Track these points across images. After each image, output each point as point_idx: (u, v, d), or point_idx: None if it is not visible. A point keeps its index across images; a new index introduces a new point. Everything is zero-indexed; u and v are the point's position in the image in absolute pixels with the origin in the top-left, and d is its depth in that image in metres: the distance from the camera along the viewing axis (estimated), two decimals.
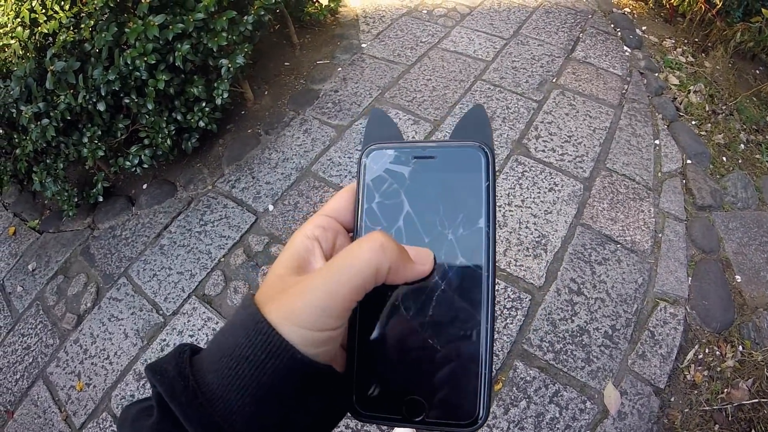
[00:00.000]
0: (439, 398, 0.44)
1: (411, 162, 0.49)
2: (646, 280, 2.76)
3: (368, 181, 0.49)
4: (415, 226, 0.47)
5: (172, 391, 0.38)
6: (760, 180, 3.36)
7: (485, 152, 0.47)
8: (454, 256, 0.46)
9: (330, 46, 4.36)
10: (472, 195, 0.46)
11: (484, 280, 0.45)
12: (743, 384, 2.46)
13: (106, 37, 2.85)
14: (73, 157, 3.17)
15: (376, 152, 0.50)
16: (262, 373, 0.37)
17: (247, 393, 0.37)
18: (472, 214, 0.46)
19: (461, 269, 0.45)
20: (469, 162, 0.47)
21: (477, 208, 0.46)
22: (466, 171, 0.47)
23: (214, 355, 0.40)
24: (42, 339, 2.96)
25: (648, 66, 4.01)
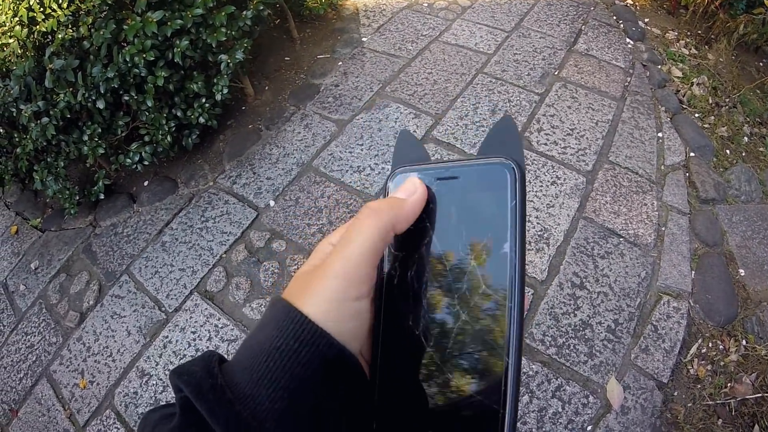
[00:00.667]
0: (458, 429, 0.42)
1: (434, 184, 0.47)
2: (649, 273, 2.75)
3: None
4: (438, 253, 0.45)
5: (198, 390, 0.37)
6: (764, 173, 3.34)
7: (512, 168, 0.45)
8: (477, 284, 0.43)
9: (330, 41, 4.35)
10: (497, 217, 0.44)
11: (507, 312, 0.42)
12: (747, 378, 2.45)
13: (105, 34, 2.85)
14: (74, 155, 3.17)
15: (401, 175, 0.49)
16: (296, 363, 0.37)
17: (279, 386, 0.37)
18: (496, 238, 0.43)
19: (484, 299, 0.43)
20: (493, 180, 0.45)
21: (502, 231, 0.43)
22: (490, 190, 0.45)
23: (243, 355, 0.40)
24: (45, 337, 2.97)
25: (651, 58, 3.99)
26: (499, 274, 0.42)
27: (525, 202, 0.44)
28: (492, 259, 0.43)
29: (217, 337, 2.71)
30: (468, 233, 0.44)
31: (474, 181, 0.46)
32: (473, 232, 0.44)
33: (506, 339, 0.41)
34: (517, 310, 0.42)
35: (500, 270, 0.42)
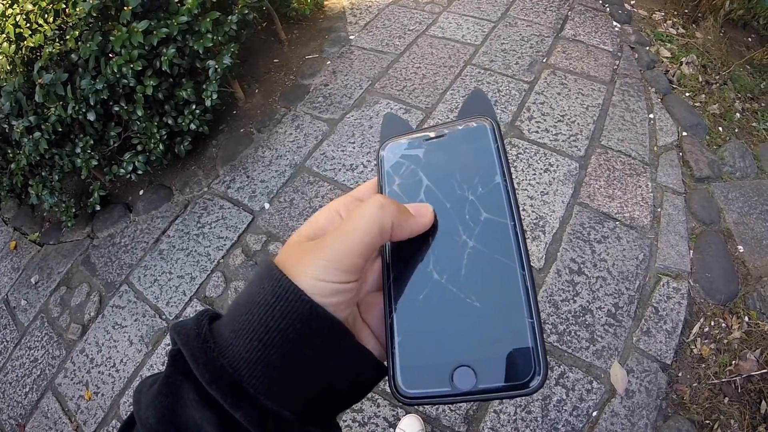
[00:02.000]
0: (488, 362, 0.40)
1: (423, 144, 0.52)
2: (647, 255, 2.75)
3: (387, 169, 0.52)
4: (436, 196, 0.48)
5: (186, 339, 0.40)
6: (757, 148, 3.34)
7: (489, 121, 0.50)
8: (477, 213, 0.46)
9: (318, 40, 4.35)
10: (484, 158, 0.48)
11: (511, 229, 0.44)
12: (751, 355, 2.45)
13: (92, 46, 2.85)
14: (68, 168, 3.17)
15: (391, 144, 0.53)
16: (270, 316, 0.38)
17: (254, 337, 0.38)
18: (487, 174, 0.47)
19: (487, 224, 0.45)
20: (476, 132, 0.50)
21: (491, 168, 0.48)
22: (475, 140, 0.50)
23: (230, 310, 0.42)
24: (48, 351, 2.98)
25: (638, 40, 3.98)
26: (496, 201, 0.46)
27: (505, 146, 0.49)
28: (486, 190, 0.47)
29: None
30: (462, 175, 0.48)
31: (459, 136, 0.51)
32: (466, 173, 0.48)
33: (515, 253, 0.43)
34: (519, 227, 0.44)
35: (496, 197, 0.46)
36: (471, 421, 2.32)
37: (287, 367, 0.39)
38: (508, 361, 0.40)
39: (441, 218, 0.47)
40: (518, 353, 0.40)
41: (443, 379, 0.41)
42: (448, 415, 2.34)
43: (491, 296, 0.42)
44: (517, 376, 0.39)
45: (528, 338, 0.40)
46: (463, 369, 0.41)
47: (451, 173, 0.49)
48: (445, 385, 0.41)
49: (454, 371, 0.41)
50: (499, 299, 0.42)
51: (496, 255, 0.44)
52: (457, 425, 2.31)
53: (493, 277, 0.43)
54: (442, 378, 0.41)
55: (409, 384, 0.42)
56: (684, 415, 2.31)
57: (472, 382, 0.40)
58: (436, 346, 0.43)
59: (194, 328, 0.41)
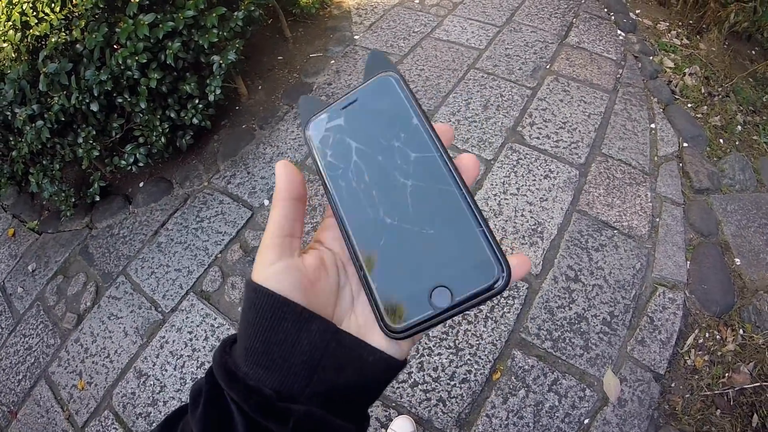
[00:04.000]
0: (457, 276, 0.45)
1: (342, 113, 0.54)
2: (644, 265, 2.75)
3: (317, 144, 0.54)
4: (367, 154, 0.52)
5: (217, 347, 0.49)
6: (758, 161, 3.34)
7: (392, 75, 0.54)
8: (406, 156, 0.50)
9: (323, 39, 4.35)
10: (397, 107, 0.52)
11: (439, 159, 0.49)
12: (744, 368, 2.45)
13: (97, 37, 2.85)
14: (69, 157, 3.18)
15: (314, 122, 0.55)
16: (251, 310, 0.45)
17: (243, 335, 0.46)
18: (404, 119, 0.51)
19: (417, 161, 0.49)
20: (383, 87, 0.54)
21: (406, 113, 0.52)
22: (384, 94, 0.53)
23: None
24: (43, 339, 2.98)
25: (642, 49, 3.99)
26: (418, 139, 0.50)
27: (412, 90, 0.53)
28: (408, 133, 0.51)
29: (214, 337, 2.72)
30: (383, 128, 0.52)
31: (369, 95, 0.54)
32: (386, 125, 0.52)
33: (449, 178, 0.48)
34: (445, 155, 0.49)
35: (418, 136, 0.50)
36: (463, 425, 2.32)
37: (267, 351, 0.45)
38: (473, 270, 0.44)
39: (378, 171, 0.50)
40: (479, 261, 0.44)
41: (423, 304, 0.45)
42: (441, 418, 2.34)
43: (441, 220, 0.47)
44: (483, 279, 0.44)
45: (483, 245, 0.45)
46: (438, 289, 0.45)
47: (374, 129, 0.52)
48: (427, 309, 0.45)
49: (431, 294, 0.45)
50: (449, 220, 0.47)
51: (434, 184, 0.48)
52: (449, 428, 2.32)
53: (437, 203, 0.47)
54: (422, 304, 0.45)
55: (396, 320, 0.46)
56: (675, 425, 2.32)
57: (448, 299, 0.44)
58: (408, 280, 0.46)
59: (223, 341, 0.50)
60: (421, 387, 2.43)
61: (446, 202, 0.47)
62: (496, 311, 2.61)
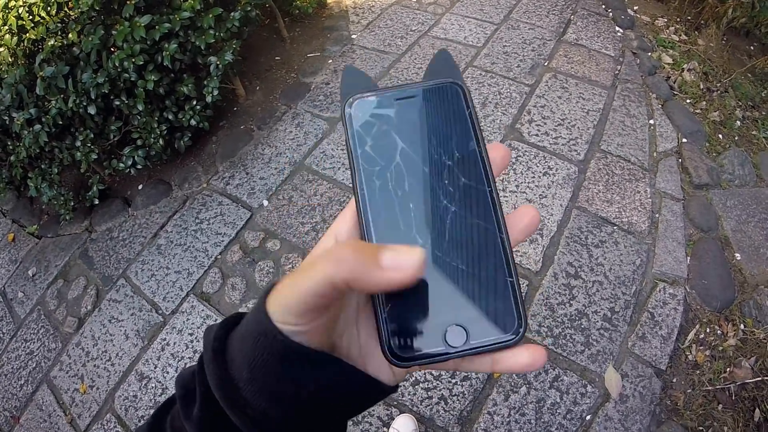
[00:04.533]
0: (476, 319, 0.43)
1: (394, 104, 0.50)
2: (644, 261, 2.75)
3: (357, 128, 0.50)
4: (413, 159, 0.48)
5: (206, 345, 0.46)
6: (757, 156, 3.34)
7: (460, 85, 0.50)
8: (456, 179, 0.47)
9: (320, 39, 4.35)
10: (458, 123, 0.48)
11: (488, 195, 0.46)
12: (746, 362, 2.45)
13: (94, 40, 2.85)
14: (67, 161, 3.17)
15: (359, 101, 0.51)
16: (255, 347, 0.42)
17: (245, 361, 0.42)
18: (462, 139, 0.48)
19: (466, 188, 0.46)
20: (448, 96, 0.49)
21: (466, 133, 0.48)
22: (447, 104, 0.49)
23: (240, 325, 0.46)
24: (44, 343, 2.98)
25: (640, 46, 3.99)
26: (473, 167, 0.47)
27: (476, 111, 0.49)
28: (463, 155, 0.47)
29: None
30: (437, 139, 0.48)
31: (430, 98, 0.50)
32: (441, 137, 0.48)
33: (494, 218, 0.45)
34: (495, 192, 0.46)
35: (473, 163, 0.47)
36: (465, 422, 2.32)
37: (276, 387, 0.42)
38: (494, 318, 0.43)
39: (421, 183, 0.47)
40: (502, 310, 0.43)
41: (437, 339, 0.43)
42: (442, 416, 2.34)
43: (474, 259, 0.44)
44: (501, 330, 0.43)
45: (510, 296, 0.43)
46: (455, 328, 0.43)
47: (426, 136, 0.49)
48: (439, 345, 0.43)
49: (446, 331, 0.43)
50: (482, 261, 0.44)
51: (476, 220, 0.45)
52: (450, 426, 2.32)
53: (475, 240, 0.45)
54: (435, 339, 0.43)
55: (404, 348, 0.44)
56: (677, 421, 2.31)
57: (463, 340, 0.43)
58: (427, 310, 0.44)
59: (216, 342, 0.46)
60: (423, 385, 2.43)
61: (485, 242, 0.45)
62: None
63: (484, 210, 0.45)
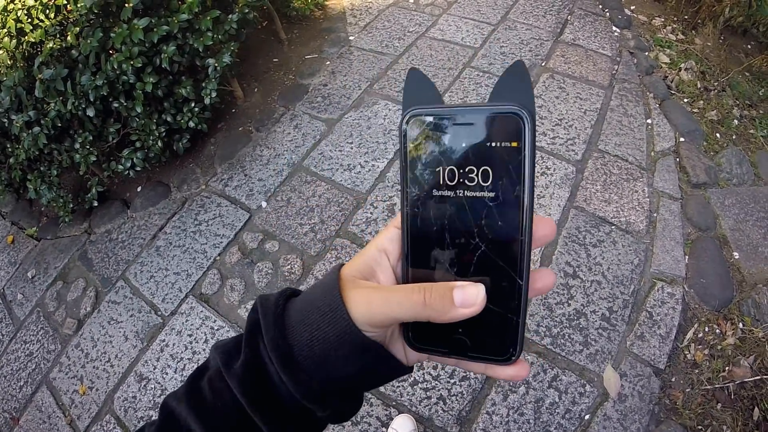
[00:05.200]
0: (480, 338, 0.50)
1: (450, 128, 0.49)
2: (643, 260, 2.75)
3: (410, 148, 0.50)
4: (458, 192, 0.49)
5: (265, 311, 0.52)
6: (755, 155, 3.35)
7: (524, 116, 0.46)
8: (493, 220, 0.48)
9: (318, 40, 4.36)
10: (510, 162, 0.47)
11: (520, 244, 0.47)
12: (745, 361, 2.45)
13: (92, 42, 2.86)
14: (66, 163, 3.18)
15: (415, 119, 0.50)
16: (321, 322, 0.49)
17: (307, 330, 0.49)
18: (509, 181, 0.47)
19: (499, 232, 0.48)
20: (506, 127, 0.47)
21: (516, 175, 0.46)
22: (505, 137, 0.47)
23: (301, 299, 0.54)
24: (44, 345, 2.98)
25: (638, 45, 3.99)
26: (512, 213, 0.47)
27: (535, 149, 0.47)
28: (507, 198, 0.47)
29: (214, 339, 2.72)
30: (485, 174, 0.47)
31: (489, 127, 0.47)
32: (490, 173, 0.47)
33: (519, 266, 0.47)
34: (528, 242, 0.47)
35: (513, 209, 0.47)
36: (464, 422, 2.32)
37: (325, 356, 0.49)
38: (495, 342, 0.50)
39: (460, 217, 0.49)
40: (504, 339, 0.49)
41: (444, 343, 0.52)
42: (441, 416, 2.34)
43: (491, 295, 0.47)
44: (498, 353, 0.50)
45: (513, 330, 0.49)
46: (460, 339, 0.51)
47: (475, 169, 0.48)
48: (444, 347, 0.52)
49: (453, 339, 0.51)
50: (497, 299, 0.48)
51: (502, 263, 0.48)
52: (449, 426, 2.32)
53: (495, 280, 0.48)
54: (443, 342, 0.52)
55: (419, 341, 0.53)
56: (676, 420, 2.31)
57: (465, 350, 0.51)
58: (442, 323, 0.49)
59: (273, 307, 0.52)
60: (421, 385, 2.44)
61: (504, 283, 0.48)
62: None
63: (511, 257, 0.48)
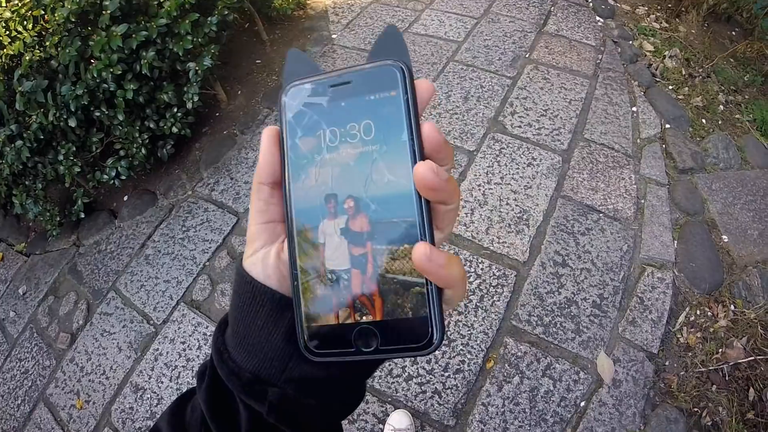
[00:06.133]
0: (390, 324, 0.44)
1: (328, 91, 0.48)
2: (632, 246, 2.76)
3: (289, 119, 0.49)
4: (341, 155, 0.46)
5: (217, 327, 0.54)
6: (741, 139, 3.36)
7: (400, 67, 0.46)
8: (381, 175, 0.45)
9: (300, 40, 4.35)
10: (391, 111, 0.45)
11: (415, 194, 0.43)
12: (738, 343, 2.46)
13: (71, 52, 2.85)
14: (51, 176, 3.16)
15: (294, 89, 0.49)
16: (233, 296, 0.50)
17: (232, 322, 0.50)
18: (393, 130, 0.45)
19: (390, 186, 0.44)
20: (385, 79, 0.46)
21: (398, 123, 0.45)
22: (383, 89, 0.46)
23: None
24: (39, 361, 2.96)
25: (621, 34, 4.00)
26: (401, 160, 0.44)
27: (416, 96, 0.45)
28: (392, 147, 0.45)
29: (207, 346, 2.71)
30: (367, 130, 0.46)
31: (366, 83, 0.47)
32: (372, 127, 0.46)
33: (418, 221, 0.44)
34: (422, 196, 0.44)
35: (401, 156, 0.44)
36: (460, 415, 2.32)
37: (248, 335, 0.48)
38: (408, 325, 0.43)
39: (345, 179, 0.46)
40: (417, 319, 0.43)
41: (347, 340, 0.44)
42: (437, 410, 2.34)
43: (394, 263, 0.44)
44: (415, 339, 0.43)
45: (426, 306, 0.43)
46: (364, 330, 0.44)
47: (357, 128, 0.46)
48: (348, 346, 0.45)
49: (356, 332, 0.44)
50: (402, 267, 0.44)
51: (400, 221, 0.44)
52: (446, 419, 2.32)
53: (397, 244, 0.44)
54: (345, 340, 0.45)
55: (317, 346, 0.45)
56: (672, 403, 2.32)
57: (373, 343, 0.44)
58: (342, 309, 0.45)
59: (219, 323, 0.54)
60: (416, 380, 2.43)
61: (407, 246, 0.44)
62: (486, 300, 2.61)
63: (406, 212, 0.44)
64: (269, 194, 0.50)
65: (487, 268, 2.73)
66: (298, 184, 0.47)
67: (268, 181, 0.49)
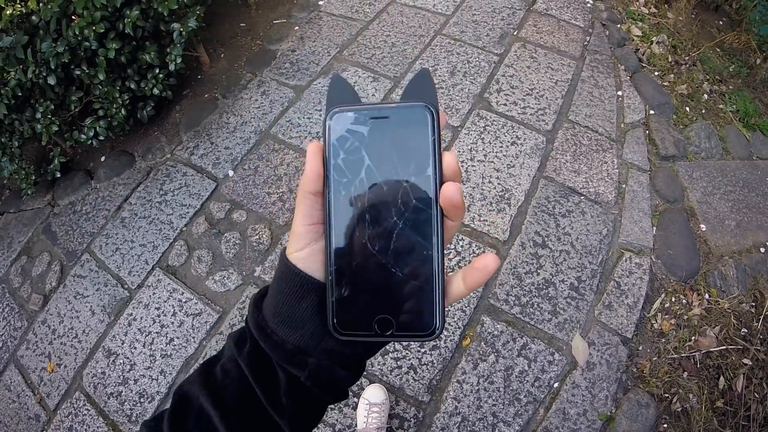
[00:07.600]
0: (403, 315, 0.55)
1: (368, 122, 0.56)
2: (611, 231, 2.77)
3: (333, 141, 0.56)
4: (375, 176, 0.55)
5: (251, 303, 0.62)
6: (723, 130, 3.38)
7: (430, 111, 0.54)
8: (408, 199, 0.54)
9: (286, 5, 4.27)
10: (421, 147, 0.54)
11: (433, 217, 0.53)
12: (710, 331, 2.50)
13: (53, 8, 2.77)
14: (28, 134, 3.10)
15: (338, 115, 0.56)
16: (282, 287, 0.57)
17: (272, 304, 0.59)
18: (421, 163, 0.54)
19: (414, 209, 0.54)
20: (417, 120, 0.54)
21: (425, 158, 0.54)
22: (415, 127, 0.54)
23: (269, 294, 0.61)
24: (10, 322, 2.92)
25: (610, 17, 3.99)
26: (424, 191, 0.54)
27: (441, 136, 0.55)
28: (419, 179, 0.54)
29: (182, 312, 2.69)
30: (399, 160, 0.54)
31: (401, 120, 0.55)
32: (403, 159, 0.54)
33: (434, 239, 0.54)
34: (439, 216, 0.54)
35: (425, 187, 0.54)
36: (434, 391, 2.34)
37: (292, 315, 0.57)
38: (417, 317, 0.55)
39: (379, 199, 0.54)
40: (425, 312, 0.55)
41: (368, 325, 0.55)
42: (412, 385, 2.35)
43: (411, 269, 0.54)
44: (422, 328, 0.55)
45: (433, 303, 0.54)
46: (384, 318, 0.55)
47: (390, 156, 0.55)
48: (369, 329, 0.55)
49: (377, 320, 0.55)
50: (417, 273, 0.54)
51: (418, 237, 0.54)
52: (420, 395, 2.33)
53: (414, 254, 0.54)
54: (367, 325, 0.55)
55: (343, 328, 0.56)
56: (643, 388, 2.35)
57: (389, 329, 0.55)
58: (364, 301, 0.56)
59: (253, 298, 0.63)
60: (392, 355, 2.44)
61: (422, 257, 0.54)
62: None
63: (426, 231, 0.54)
64: (313, 201, 0.57)
65: (467, 245, 2.73)
66: (338, 198, 0.56)
67: (313, 191, 0.56)
